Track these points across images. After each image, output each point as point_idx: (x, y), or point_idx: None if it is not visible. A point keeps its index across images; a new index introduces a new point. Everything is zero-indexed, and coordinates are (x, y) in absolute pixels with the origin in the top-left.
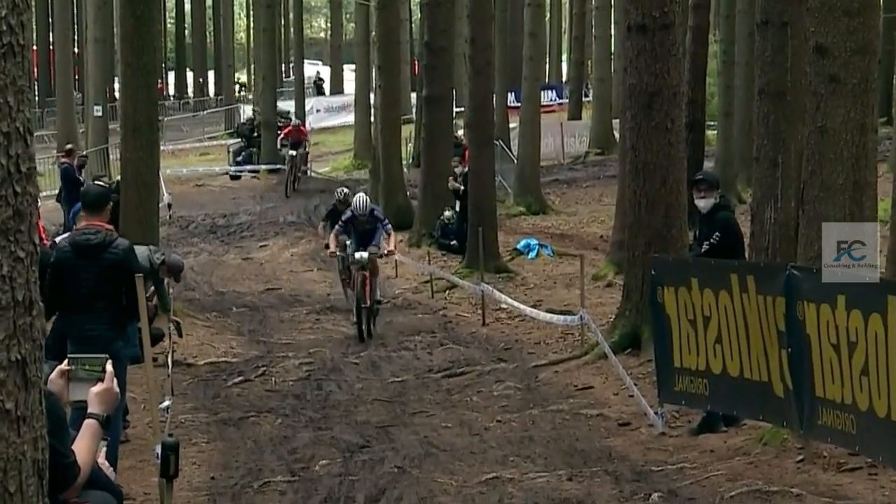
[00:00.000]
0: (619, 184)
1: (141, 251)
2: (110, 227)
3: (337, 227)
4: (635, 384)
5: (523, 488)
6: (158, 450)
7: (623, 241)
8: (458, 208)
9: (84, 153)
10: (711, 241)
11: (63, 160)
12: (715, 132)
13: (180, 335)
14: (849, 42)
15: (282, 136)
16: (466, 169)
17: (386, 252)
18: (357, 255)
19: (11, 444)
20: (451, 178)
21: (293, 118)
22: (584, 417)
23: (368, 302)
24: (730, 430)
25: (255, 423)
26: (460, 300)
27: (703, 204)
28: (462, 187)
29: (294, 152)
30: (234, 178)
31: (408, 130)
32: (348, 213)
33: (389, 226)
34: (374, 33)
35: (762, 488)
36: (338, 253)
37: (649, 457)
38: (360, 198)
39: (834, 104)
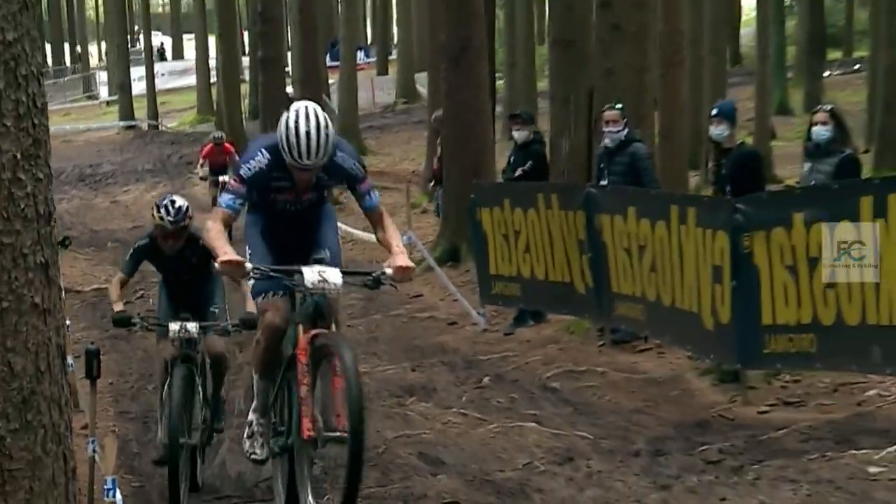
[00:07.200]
0: (429, 127)
1: None
2: None
3: (123, 268)
4: (458, 290)
5: (375, 378)
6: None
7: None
8: None
9: None
10: (525, 168)
11: None
12: (502, 81)
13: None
14: None
15: (201, 159)
16: None
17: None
18: (174, 328)
19: (40, 331)
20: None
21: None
22: (419, 320)
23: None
24: (538, 324)
25: (143, 337)
26: None
27: (519, 135)
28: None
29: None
30: None
31: (243, 89)
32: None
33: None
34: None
35: (573, 369)
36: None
37: (476, 349)
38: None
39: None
